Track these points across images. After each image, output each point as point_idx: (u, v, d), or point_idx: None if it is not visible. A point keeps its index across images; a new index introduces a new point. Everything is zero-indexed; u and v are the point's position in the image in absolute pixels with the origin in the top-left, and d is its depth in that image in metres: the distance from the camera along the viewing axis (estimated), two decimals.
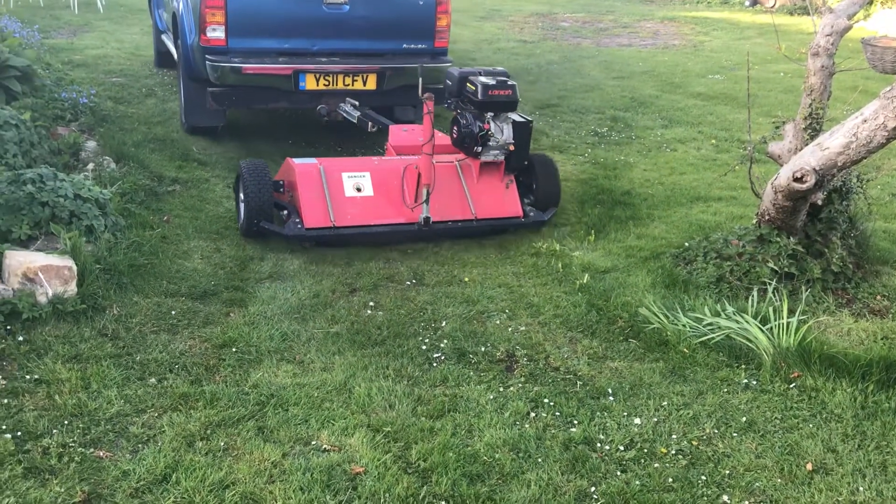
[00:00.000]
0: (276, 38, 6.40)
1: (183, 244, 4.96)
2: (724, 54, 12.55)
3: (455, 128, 5.30)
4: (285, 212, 5.04)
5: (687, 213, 5.89)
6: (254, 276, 4.65)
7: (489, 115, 5.19)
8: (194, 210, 5.56)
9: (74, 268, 3.86)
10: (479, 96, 5.08)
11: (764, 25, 15.63)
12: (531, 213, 5.43)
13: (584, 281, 4.71)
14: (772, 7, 17.58)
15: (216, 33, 6.22)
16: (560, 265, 4.97)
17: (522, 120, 5.31)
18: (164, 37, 9.12)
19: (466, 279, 4.80)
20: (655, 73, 11.08)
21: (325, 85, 6.47)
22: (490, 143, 5.19)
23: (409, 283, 4.72)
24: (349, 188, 5.04)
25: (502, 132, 5.21)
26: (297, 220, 4.90)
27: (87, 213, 4.31)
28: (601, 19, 16.11)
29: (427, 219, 4.96)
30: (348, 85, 6.51)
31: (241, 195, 5.08)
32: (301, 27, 6.42)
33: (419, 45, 6.71)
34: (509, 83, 5.18)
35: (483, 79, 5.15)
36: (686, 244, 5.14)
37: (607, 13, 16.95)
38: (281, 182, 5.23)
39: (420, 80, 5.26)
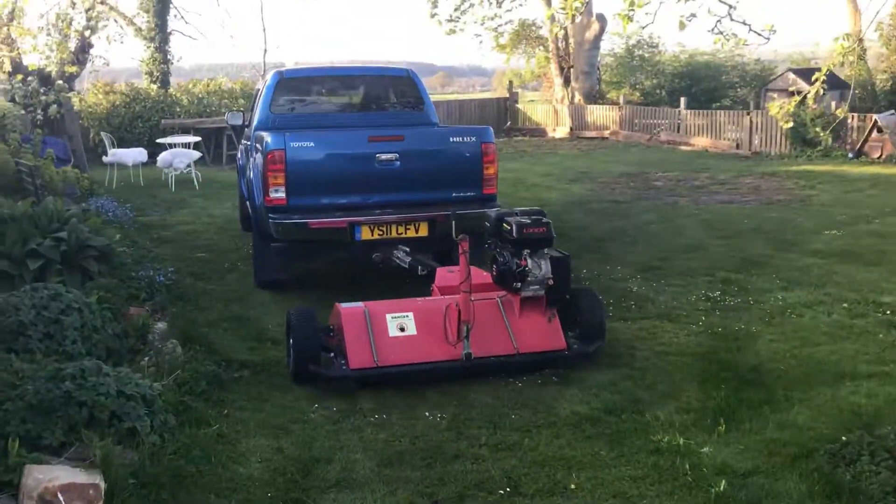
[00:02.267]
0: (332, 195, 6.87)
1: (241, 443, 4.32)
2: (836, 208, 11.68)
3: (494, 266, 5.53)
4: (332, 354, 5.24)
5: (834, 396, 4.93)
6: (318, 485, 3.93)
7: (526, 252, 5.31)
8: (259, 400, 4.96)
9: (102, 485, 3.26)
10: (515, 234, 5.29)
11: (874, 176, 14.74)
12: (575, 346, 5.47)
13: (721, 489, 3.79)
14: (879, 157, 16.70)
15: (278, 194, 6.71)
16: (687, 465, 4.08)
17: (560, 255, 5.43)
18: (247, 202, 9.06)
19: (573, 486, 3.95)
20: (763, 230, 10.27)
21: (379, 234, 6.84)
22: (529, 279, 5.29)
23: (502, 491, 3.91)
24: (393, 328, 5.21)
25: (540, 268, 5.32)
26: (343, 362, 5.07)
27: (131, 412, 3.75)
28: (696, 177, 15.56)
29: (468, 354, 5.08)
30: (401, 233, 6.88)
31: (290, 341, 5.26)
32: (356, 183, 6.87)
33: (468, 193, 7.06)
34: (544, 221, 5.37)
35: (518, 218, 5.37)
36: (843, 438, 4.18)
37: (701, 171, 16.41)
38: (331, 326, 5.43)
39: (453, 223, 5.86)
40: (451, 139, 7.24)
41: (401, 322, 5.23)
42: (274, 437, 4.43)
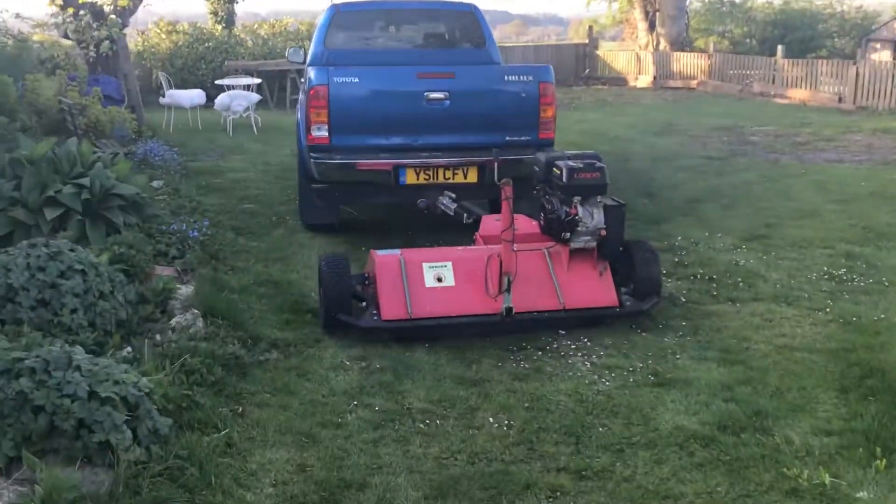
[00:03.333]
0: (378, 135, 6.54)
1: (254, 456, 3.41)
2: None
3: (542, 214, 5.24)
4: (364, 303, 4.93)
5: None
6: None
7: (577, 199, 4.98)
8: (286, 393, 4.05)
9: None
10: (565, 179, 4.95)
11: None
12: (628, 303, 5.06)
13: None
14: None
15: (321, 132, 6.39)
16: None
17: (615, 203, 5.10)
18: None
19: None
20: (886, 195, 8.88)
21: (425, 179, 6.49)
22: (579, 229, 4.96)
23: None
24: (430, 278, 4.91)
25: (592, 217, 4.98)
26: (374, 312, 4.79)
27: (104, 421, 2.86)
28: (797, 132, 14.01)
29: (509, 309, 4.70)
30: (449, 179, 6.51)
31: (321, 289, 4.97)
32: (402, 123, 6.51)
33: (522, 138, 6.63)
34: (598, 165, 5.01)
35: (569, 162, 5.02)
36: None
37: (802, 125, 14.81)
38: (366, 275, 5.12)
39: (496, 165, 5.54)
40: (505, 78, 6.72)
41: (438, 272, 4.92)
42: (297, 449, 3.50)
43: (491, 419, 3.86)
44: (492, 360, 4.60)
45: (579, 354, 4.71)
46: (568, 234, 4.96)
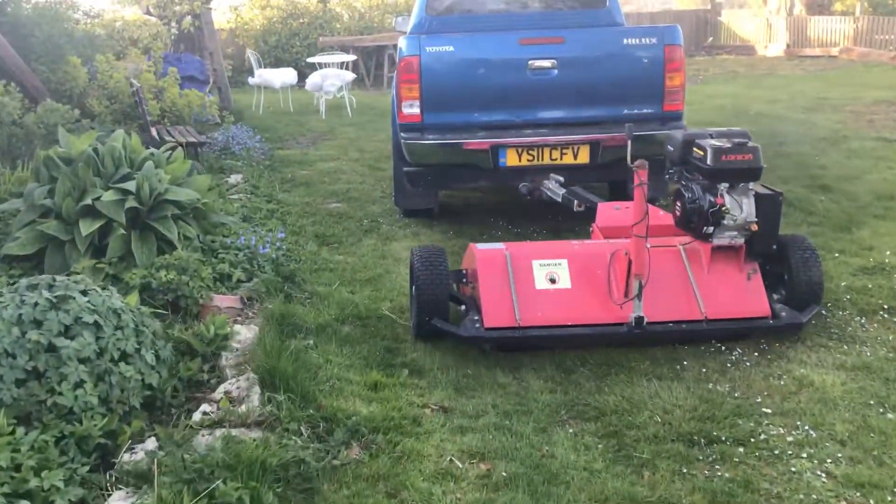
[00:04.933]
0: (475, 111, 5.87)
1: None
2: None
3: (679, 203, 4.42)
4: (463, 307, 4.23)
5: None
6: None
7: (723, 186, 4.21)
8: None
9: None
10: (710, 162, 4.16)
11: None
12: (783, 314, 4.14)
13: None
14: None
15: (412, 109, 5.78)
16: None
17: (769, 192, 4.27)
18: None
19: None
20: None
21: (528, 160, 5.81)
22: (725, 222, 4.19)
23: None
24: (541, 279, 4.19)
25: (741, 208, 4.21)
26: (476, 318, 4.05)
27: None
28: None
29: (640, 318, 3.95)
30: (556, 159, 5.80)
31: (412, 288, 4.30)
32: (503, 97, 5.81)
33: (644, 110, 5.86)
34: (750, 145, 4.20)
35: (714, 141, 4.24)
36: None
37: None
38: (464, 272, 4.44)
39: (629, 143, 4.47)
40: (624, 41, 5.87)
41: (551, 271, 4.21)
42: None
43: None
44: (670, 463, 3.12)
45: (804, 455, 3.16)
46: (711, 229, 4.17)
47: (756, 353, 4.10)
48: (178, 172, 5.30)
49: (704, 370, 3.92)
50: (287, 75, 13.68)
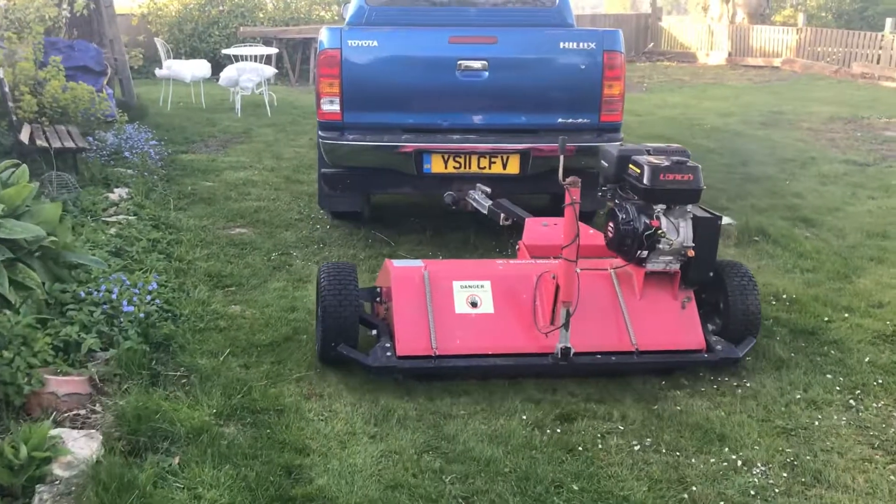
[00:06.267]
0: (400, 112, 5.52)
1: None
2: None
3: (611, 224, 4.09)
4: (375, 331, 3.84)
5: None
6: None
7: (660, 207, 3.92)
8: None
9: None
10: (646, 182, 3.87)
11: None
12: (718, 347, 3.87)
13: None
14: None
15: (332, 106, 5.45)
16: None
17: (708, 216, 4.00)
18: None
19: None
20: None
21: (455, 168, 5.49)
22: (660, 247, 3.87)
23: None
24: (461, 302, 3.85)
25: (678, 232, 3.90)
26: (388, 346, 3.69)
27: None
28: None
29: (566, 349, 3.65)
30: (484, 168, 5.50)
31: (319, 309, 3.84)
32: (431, 98, 5.51)
33: (579, 119, 5.53)
34: (689, 164, 3.92)
35: (652, 159, 3.94)
36: None
37: None
38: (378, 290, 4.10)
39: (561, 158, 3.88)
40: (560, 45, 5.49)
41: (473, 294, 3.91)
42: None
43: None
44: None
45: None
46: (645, 253, 3.92)
47: (785, 474, 3.07)
48: (16, 200, 3.99)
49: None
50: (199, 67, 12.28)
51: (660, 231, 3.86)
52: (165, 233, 5.63)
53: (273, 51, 13.45)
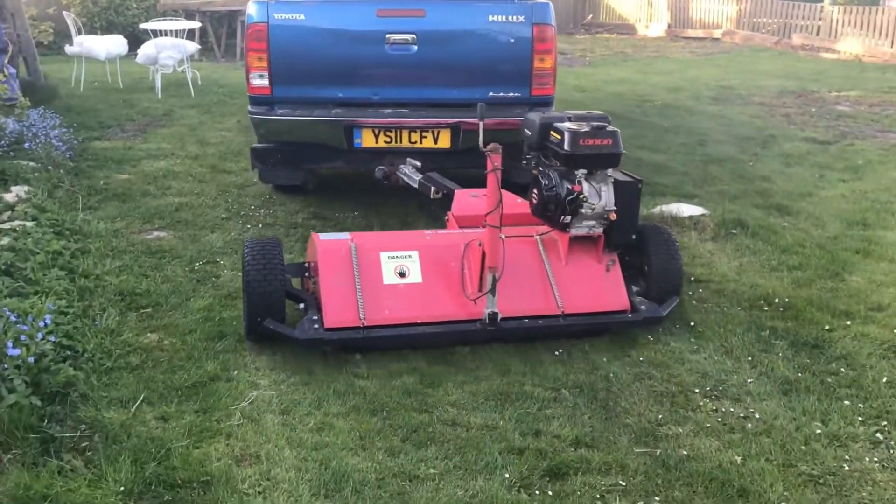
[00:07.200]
0: (330, 87, 5.45)
1: None
2: None
3: (535, 191, 4.19)
4: (302, 305, 3.88)
5: None
6: None
7: (581, 173, 3.99)
8: None
9: None
10: (567, 147, 3.94)
11: None
12: (642, 307, 4.05)
13: None
14: None
15: (261, 80, 5.38)
16: None
17: (628, 179, 4.09)
18: None
19: None
20: None
21: (386, 142, 5.42)
22: (583, 211, 3.96)
23: None
24: (389, 273, 3.92)
25: (600, 196, 3.99)
26: (316, 318, 3.74)
27: None
28: (894, 100, 10.96)
29: (493, 315, 3.76)
30: (415, 142, 5.42)
31: (244, 285, 3.84)
32: (360, 73, 5.43)
33: (510, 93, 5.43)
34: (609, 129, 3.99)
35: (572, 125, 4.01)
36: None
37: (891, 90, 11.77)
38: (307, 265, 4.11)
39: (481, 125, 4.03)
40: (489, 17, 5.46)
41: (401, 264, 3.94)
42: None
43: None
44: None
45: None
46: (568, 218, 4.00)
47: None
48: None
49: None
50: (114, 44, 11.25)
51: (582, 196, 3.93)
52: (70, 241, 4.84)
53: (196, 25, 12.48)
